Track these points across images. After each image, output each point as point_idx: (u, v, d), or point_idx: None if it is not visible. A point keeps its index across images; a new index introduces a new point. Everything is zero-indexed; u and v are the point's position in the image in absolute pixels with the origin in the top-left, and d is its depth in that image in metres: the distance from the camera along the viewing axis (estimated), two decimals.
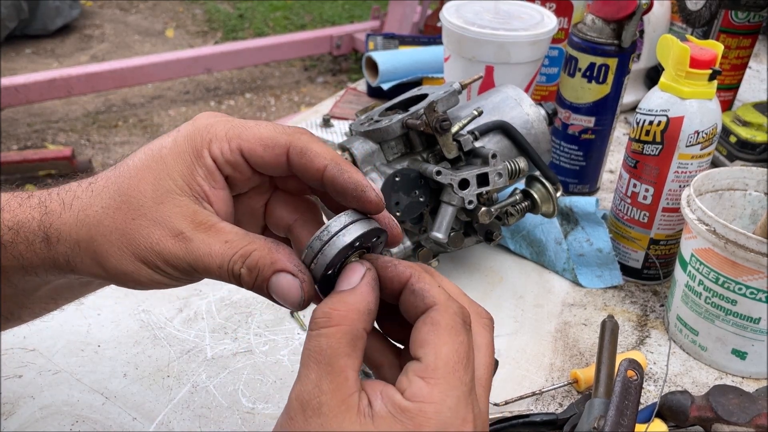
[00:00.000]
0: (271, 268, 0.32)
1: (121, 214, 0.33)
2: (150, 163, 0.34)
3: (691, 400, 0.53)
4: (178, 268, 0.33)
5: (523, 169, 0.66)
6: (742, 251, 0.55)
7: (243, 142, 0.34)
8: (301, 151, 0.34)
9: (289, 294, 0.32)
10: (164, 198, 0.33)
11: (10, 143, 2.62)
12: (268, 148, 0.34)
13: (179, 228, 0.33)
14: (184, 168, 0.34)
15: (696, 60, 0.62)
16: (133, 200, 0.33)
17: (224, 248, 0.33)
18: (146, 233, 0.33)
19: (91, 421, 0.53)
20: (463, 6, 0.83)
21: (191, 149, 0.34)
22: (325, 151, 0.34)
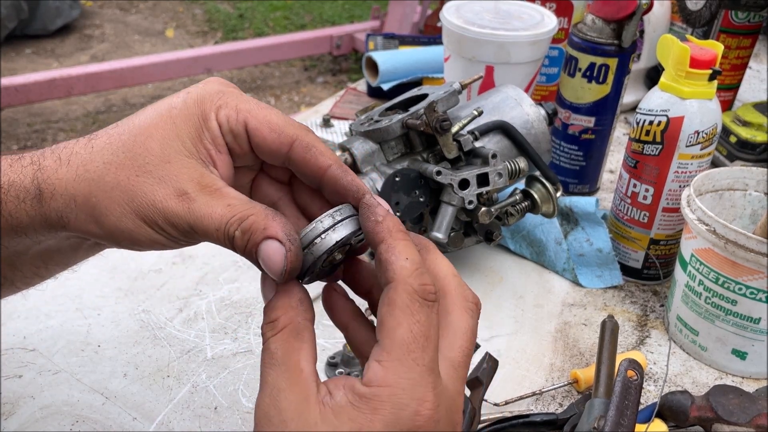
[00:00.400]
0: (262, 234, 0.32)
1: (124, 170, 0.33)
2: (158, 122, 0.34)
3: (691, 400, 0.53)
4: (178, 227, 0.33)
5: (523, 169, 0.66)
6: (742, 251, 0.55)
7: (250, 119, 0.35)
8: (307, 146, 0.34)
9: (273, 260, 0.32)
10: (172, 157, 0.33)
11: (10, 143, 2.62)
12: (273, 133, 0.34)
13: (184, 188, 0.33)
14: (193, 130, 0.34)
15: (696, 60, 0.62)
16: (138, 157, 0.33)
17: (225, 211, 0.33)
18: (150, 190, 0.33)
19: (91, 421, 0.53)
20: (463, 6, 0.83)
21: (200, 112, 0.34)
22: (329, 152, 0.35)
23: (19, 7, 3.22)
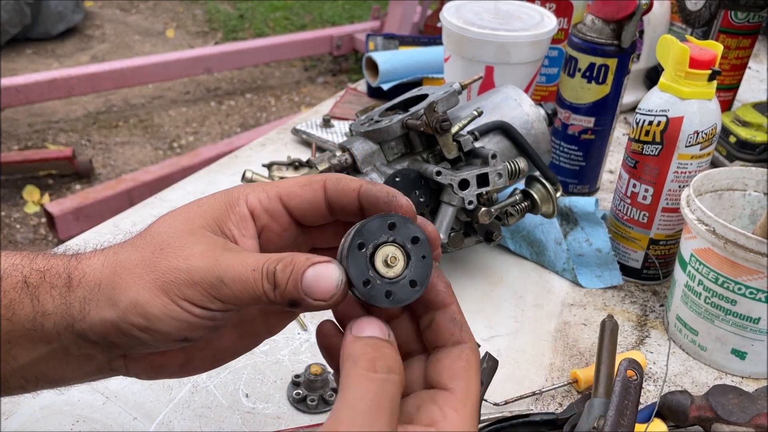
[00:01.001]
0: (306, 262, 0.32)
1: (149, 247, 0.33)
2: (184, 208, 0.36)
3: (690, 400, 0.53)
4: (203, 283, 0.32)
5: (523, 170, 0.66)
6: (741, 251, 0.55)
7: (281, 189, 0.36)
8: (337, 180, 0.35)
9: (326, 276, 0.31)
10: (194, 231, 0.34)
11: (10, 143, 2.63)
12: (305, 186, 0.36)
13: (208, 247, 0.33)
14: (218, 212, 0.35)
15: (695, 60, 0.62)
16: (162, 235, 0.34)
17: (257, 257, 0.33)
18: (171, 257, 0.33)
19: (92, 420, 0.53)
20: (463, 6, 0.83)
21: (226, 200, 0.36)
22: (357, 179, 0.36)
23: (22, 12, 3.22)
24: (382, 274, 0.32)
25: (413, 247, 0.32)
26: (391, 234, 0.32)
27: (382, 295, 0.31)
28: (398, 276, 0.32)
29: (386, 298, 0.31)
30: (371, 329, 0.32)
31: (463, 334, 0.33)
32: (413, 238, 0.32)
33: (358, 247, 0.31)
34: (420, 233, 0.33)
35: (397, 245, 0.32)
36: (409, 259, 0.32)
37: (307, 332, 0.64)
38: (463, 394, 0.31)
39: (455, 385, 0.32)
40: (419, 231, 0.33)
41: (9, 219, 2.24)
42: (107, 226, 0.77)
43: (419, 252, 0.32)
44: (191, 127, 2.87)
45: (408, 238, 0.32)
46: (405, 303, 0.32)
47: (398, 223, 0.32)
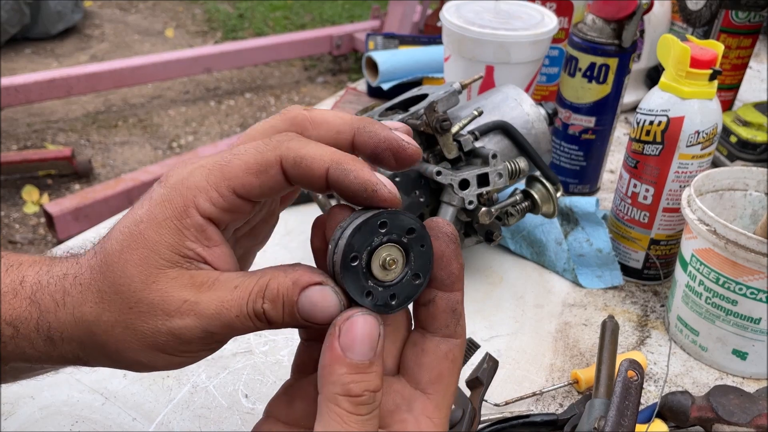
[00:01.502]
0: (295, 289, 0.29)
1: (116, 306, 0.30)
2: (130, 243, 0.30)
3: (691, 401, 0.53)
4: (194, 340, 0.30)
5: (524, 170, 0.66)
6: (742, 251, 0.55)
7: (231, 182, 0.30)
8: (294, 161, 0.29)
9: (324, 306, 0.28)
10: (155, 277, 0.30)
11: (9, 143, 2.62)
12: (260, 174, 0.30)
13: (181, 297, 0.29)
14: (169, 237, 0.30)
15: (696, 60, 0.62)
16: (123, 288, 0.30)
17: (236, 293, 0.29)
18: (148, 318, 0.30)
19: (91, 421, 0.53)
20: (463, 6, 0.83)
21: (172, 214, 0.30)
22: (322, 153, 0.29)
23: (21, 11, 3.22)
24: (382, 279, 0.29)
25: (410, 239, 0.30)
26: (383, 233, 0.29)
27: (386, 300, 0.30)
28: (399, 276, 0.30)
29: (391, 302, 0.30)
30: (361, 350, 0.28)
31: (458, 328, 0.31)
32: (408, 230, 0.30)
33: (351, 260, 0.29)
34: (413, 222, 0.30)
35: (392, 243, 0.29)
36: (407, 254, 0.30)
37: None
38: (440, 399, 0.30)
39: (434, 389, 0.30)
40: (412, 220, 0.30)
41: (8, 219, 2.24)
42: (107, 226, 0.77)
43: (417, 242, 0.30)
44: (191, 127, 2.87)
45: (402, 230, 0.30)
46: (411, 301, 0.30)
47: (389, 218, 0.29)
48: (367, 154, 0.31)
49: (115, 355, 0.31)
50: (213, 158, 0.31)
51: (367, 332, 0.28)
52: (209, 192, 0.30)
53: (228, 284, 0.30)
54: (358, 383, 0.27)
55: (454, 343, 0.31)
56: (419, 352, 0.31)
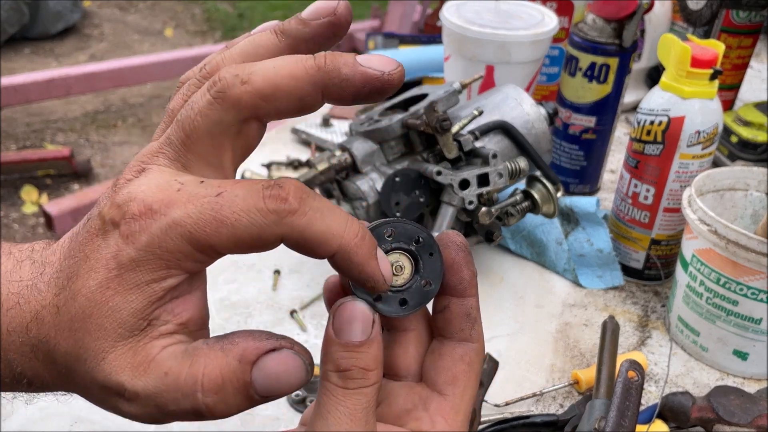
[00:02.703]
0: (244, 367, 0.25)
1: (77, 381, 0.27)
2: (93, 310, 0.26)
3: (692, 401, 0.53)
4: (143, 418, 0.27)
5: (524, 169, 0.65)
6: (743, 252, 0.55)
7: (218, 247, 0.25)
8: (296, 243, 0.26)
9: (288, 372, 0.26)
10: (106, 352, 0.26)
11: (8, 143, 2.62)
12: (253, 247, 0.26)
13: (120, 382, 0.25)
14: (136, 304, 0.26)
15: (697, 60, 0.62)
16: (81, 362, 0.26)
17: (167, 383, 0.25)
18: (106, 397, 0.27)
19: (90, 421, 0.53)
20: (464, 5, 0.82)
21: (148, 278, 0.25)
22: (331, 237, 0.26)
23: (21, 11, 3.22)
24: (391, 284, 0.30)
25: (417, 247, 0.31)
26: (390, 241, 0.30)
27: (396, 305, 0.30)
28: (408, 281, 0.31)
29: (401, 306, 0.31)
30: (350, 330, 0.28)
31: (473, 332, 0.31)
32: (415, 239, 0.31)
33: None
34: (420, 231, 0.31)
35: (401, 251, 0.31)
36: (416, 262, 0.31)
37: (306, 333, 0.63)
38: (457, 401, 0.30)
39: (451, 391, 0.30)
40: (418, 229, 0.31)
41: (7, 219, 2.24)
42: None
43: (425, 250, 0.31)
44: None
45: (409, 239, 0.31)
46: (421, 306, 0.31)
47: (395, 227, 0.30)
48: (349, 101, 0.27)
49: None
50: (190, 213, 0.25)
51: (357, 315, 0.28)
52: (194, 255, 0.25)
53: (159, 369, 0.25)
54: (347, 359, 0.28)
55: (470, 347, 0.31)
56: (437, 357, 0.32)
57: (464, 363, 0.31)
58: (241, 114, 0.26)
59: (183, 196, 0.25)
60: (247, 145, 0.28)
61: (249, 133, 0.27)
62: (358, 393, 0.28)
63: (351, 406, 0.28)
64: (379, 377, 0.29)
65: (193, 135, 0.26)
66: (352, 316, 0.28)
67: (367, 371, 0.28)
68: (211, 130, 0.26)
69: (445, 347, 0.32)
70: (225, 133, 0.26)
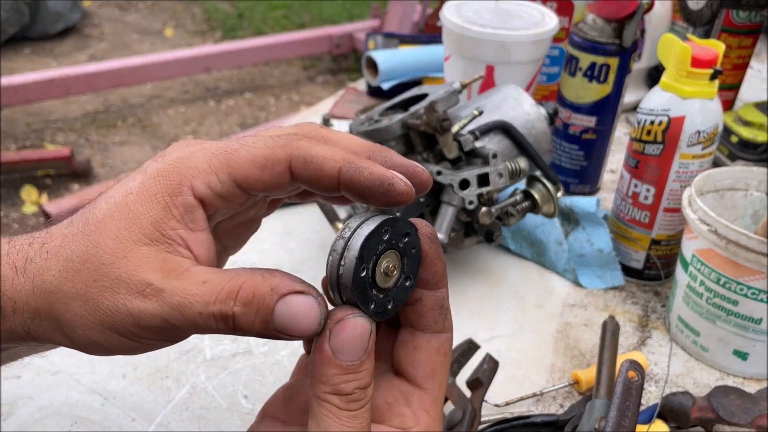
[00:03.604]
0: (273, 295, 0.27)
1: (81, 277, 0.28)
2: (113, 213, 0.29)
3: (692, 401, 0.53)
4: (152, 328, 0.28)
5: (524, 169, 0.65)
6: (743, 252, 0.55)
7: (234, 170, 0.29)
8: (305, 161, 0.29)
9: (305, 317, 0.27)
10: (129, 251, 0.28)
11: (8, 143, 2.62)
12: (265, 168, 0.29)
13: (146, 280, 0.28)
14: (155, 212, 0.29)
15: (697, 59, 0.62)
16: (93, 258, 0.28)
17: (203, 290, 0.27)
18: (110, 294, 0.28)
19: (90, 422, 0.53)
20: (464, 5, 0.82)
21: (165, 189, 0.29)
22: (333, 154, 0.29)
23: (20, 11, 3.22)
24: (382, 287, 0.29)
25: (405, 243, 0.30)
26: (385, 241, 0.29)
27: (385, 307, 0.30)
28: (397, 281, 0.30)
29: (387, 306, 0.30)
30: (351, 351, 0.27)
31: (446, 323, 0.31)
32: (404, 233, 0.30)
33: (360, 271, 0.28)
34: (409, 227, 0.30)
35: (392, 249, 0.30)
36: (403, 257, 0.30)
37: None
38: (436, 393, 0.31)
39: (430, 384, 0.30)
40: (409, 224, 0.30)
41: (7, 219, 2.24)
42: None
43: (410, 246, 0.30)
44: (190, 127, 2.87)
45: (400, 235, 0.30)
46: (402, 303, 0.31)
47: (391, 226, 0.29)
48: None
49: (69, 330, 0.29)
50: (218, 143, 0.30)
51: (358, 335, 0.28)
52: (209, 175, 0.29)
53: (197, 277, 0.28)
54: (349, 383, 0.27)
55: (444, 338, 0.31)
56: (411, 350, 0.31)
57: (440, 355, 0.31)
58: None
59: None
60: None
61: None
62: (363, 412, 0.28)
63: (357, 426, 0.28)
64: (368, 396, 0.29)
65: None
66: (353, 335, 0.28)
67: (366, 389, 0.28)
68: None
69: (419, 340, 0.31)
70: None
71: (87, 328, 0.29)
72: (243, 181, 0.29)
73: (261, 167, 0.29)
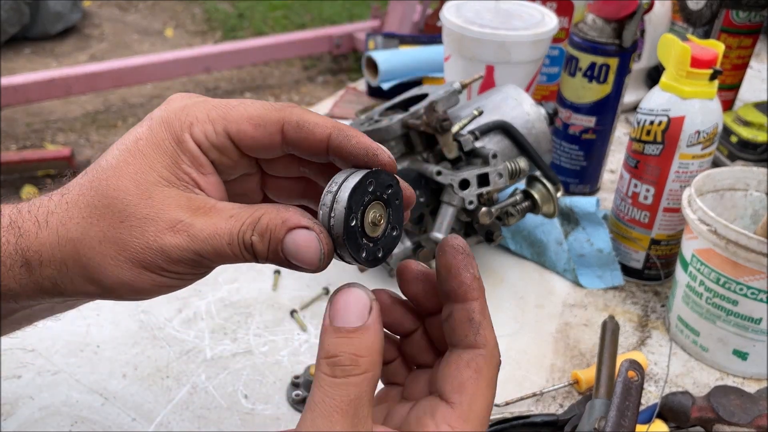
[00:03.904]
0: (283, 227, 0.29)
1: (105, 220, 0.30)
2: (127, 158, 0.31)
3: (692, 401, 0.53)
4: (183, 261, 0.30)
5: (524, 169, 0.65)
6: (743, 251, 0.55)
7: (229, 124, 0.31)
8: (297, 124, 0.31)
9: (307, 250, 0.29)
10: (151, 192, 0.30)
11: (8, 143, 2.62)
12: (259, 126, 0.31)
13: (176, 217, 0.30)
14: (167, 157, 0.31)
15: (697, 60, 0.62)
16: (116, 201, 0.30)
17: (230, 222, 0.30)
18: (139, 233, 0.30)
19: (90, 421, 0.53)
20: (464, 5, 0.83)
21: (170, 136, 0.31)
22: (323, 120, 0.31)
23: (21, 11, 3.22)
24: (371, 236, 0.31)
25: (389, 194, 0.31)
26: (370, 192, 0.30)
27: (375, 255, 0.31)
28: (384, 230, 0.31)
29: (378, 254, 0.31)
30: (344, 316, 0.28)
31: (478, 338, 0.30)
32: (387, 185, 0.31)
33: (350, 221, 0.30)
34: (392, 179, 0.31)
35: (377, 200, 0.31)
36: (388, 208, 0.31)
37: (306, 333, 0.63)
38: (465, 410, 0.29)
39: (458, 399, 0.29)
40: (391, 177, 0.31)
41: None
42: None
43: (394, 197, 0.32)
44: None
45: (384, 187, 0.31)
46: (391, 252, 0.32)
47: (375, 178, 0.30)
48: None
49: (97, 274, 0.30)
50: (219, 99, 0.32)
51: (352, 300, 0.29)
52: (205, 125, 0.31)
53: (224, 212, 0.30)
54: (336, 345, 0.28)
55: (476, 353, 0.30)
56: (444, 365, 0.31)
57: (471, 369, 0.29)
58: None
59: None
60: None
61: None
62: (346, 382, 0.27)
63: (338, 397, 0.27)
64: (373, 366, 0.28)
65: None
66: (347, 302, 0.29)
67: (358, 357, 0.28)
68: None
69: (451, 355, 0.31)
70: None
71: (117, 268, 0.30)
72: (236, 135, 0.31)
73: (255, 125, 0.31)
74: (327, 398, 0.27)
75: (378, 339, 0.28)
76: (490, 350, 0.30)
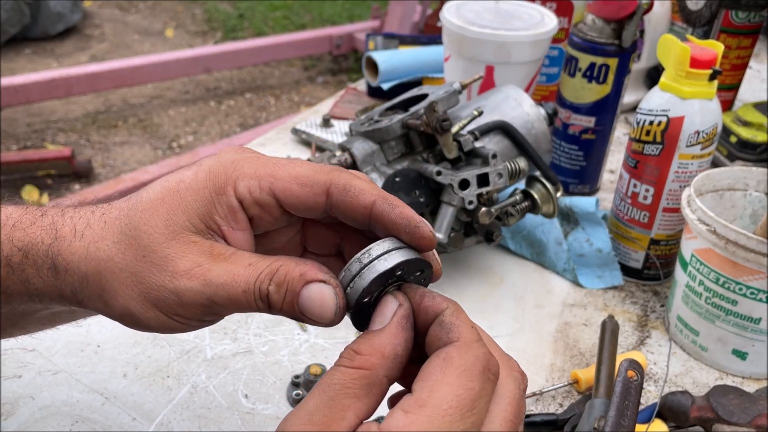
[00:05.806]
0: (300, 280, 0.30)
1: (131, 251, 0.31)
2: (165, 197, 0.32)
3: (691, 401, 0.53)
4: (194, 305, 0.31)
5: (524, 170, 0.66)
6: (742, 251, 0.55)
7: (276, 182, 0.32)
8: (344, 188, 0.31)
9: (323, 304, 0.30)
10: (177, 234, 0.31)
11: (9, 143, 2.62)
12: (305, 186, 0.32)
13: (195, 260, 0.31)
14: (202, 205, 0.32)
15: (696, 60, 0.62)
16: (143, 236, 0.31)
17: (248, 270, 0.30)
18: (157, 271, 0.31)
19: (91, 421, 0.53)
20: (464, 6, 0.83)
21: (213, 185, 0.32)
22: (369, 187, 0.32)
23: (21, 11, 3.22)
24: None
25: (416, 276, 0.32)
26: (396, 277, 0.31)
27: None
28: None
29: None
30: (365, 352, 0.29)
31: (450, 335, 0.29)
32: (418, 270, 0.32)
33: (363, 297, 0.30)
34: (424, 264, 0.31)
35: (401, 280, 0.31)
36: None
37: (306, 333, 0.63)
38: (424, 396, 0.27)
39: (419, 386, 0.28)
40: (423, 263, 0.31)
41: None
42: None
43: (420, 279, 0.32)
44: (190, 127, 2.87)
45: (414, 270, 0.31)
46: None
47: (406, 267, 0.31)
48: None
49: (110, 298, 0.32)
50: (269, 157, 0.33)
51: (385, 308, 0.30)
52: (251, 181, 0.32)
53: (243, 260, 0.31)
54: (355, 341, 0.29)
55: (448, 346, 0.29)
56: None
57: (438, 358, 0.29)
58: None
59: None
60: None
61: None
62: (336, 369, 0.28)
63: (323, 382, 0.28)
64: (371, 365, 0.28)
65: None
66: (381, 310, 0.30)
67: (356, 353, 0.29)
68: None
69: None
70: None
71: (129, 299, 0.31)
72: (281, 193, 0.32)
73: (301, 185, 0.32)
74: (318, 381, 0.29)
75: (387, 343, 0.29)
76: (464, 342, 0.29)
